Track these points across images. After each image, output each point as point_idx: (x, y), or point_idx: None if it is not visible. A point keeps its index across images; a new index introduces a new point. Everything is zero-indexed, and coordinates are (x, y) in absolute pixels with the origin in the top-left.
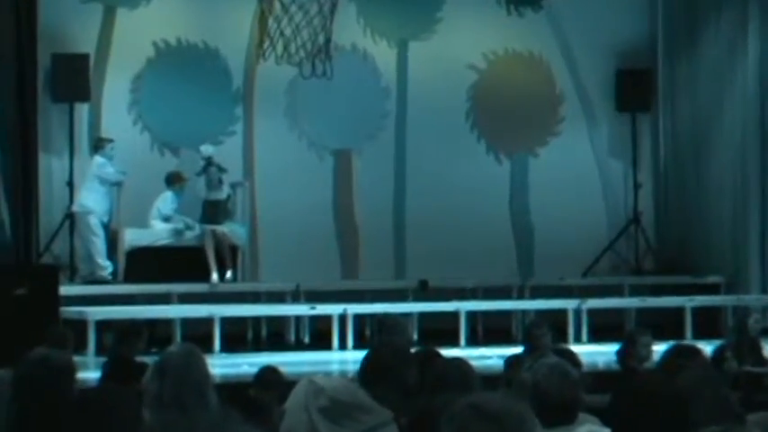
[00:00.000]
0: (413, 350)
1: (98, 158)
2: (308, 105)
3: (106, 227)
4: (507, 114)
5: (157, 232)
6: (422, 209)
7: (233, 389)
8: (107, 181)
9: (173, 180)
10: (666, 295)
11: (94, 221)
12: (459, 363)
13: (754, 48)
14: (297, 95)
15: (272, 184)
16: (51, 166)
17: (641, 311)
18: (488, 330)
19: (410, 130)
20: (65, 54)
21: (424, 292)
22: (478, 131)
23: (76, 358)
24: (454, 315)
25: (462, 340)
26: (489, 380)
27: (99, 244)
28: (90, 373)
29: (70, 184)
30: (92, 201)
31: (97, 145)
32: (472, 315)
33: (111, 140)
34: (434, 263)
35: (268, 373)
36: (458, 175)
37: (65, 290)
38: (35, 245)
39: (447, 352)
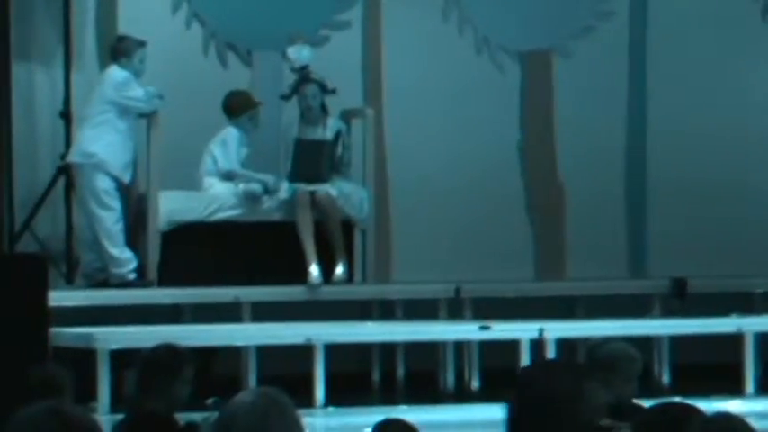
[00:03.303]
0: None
1: (117, 72)
2: None
3: (127, 190)
4: None
5: (214, 198)
6: (675, 161)
7: None
8: (131, 111)
9: (239, 107)
10: None
11: (107, 181)
12: (732, 422)
13: None
14: None
15: (414, 114)
16: (33, 85)
17: None
18: None
19: (653, 19)
20: None
21: (679, 300)
22: None
23: None
24: (733, 340)
25: (748, 384)
26: None
27: (113, 219)
28: None
29: (66, 115)
30: (103, 145)
31: (116, 49)
32: (764, 340)
33: (141, 43)
34: (695, 252)
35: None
36: (745, 98)
37: (57, 297)
38: (7, 220)
39: (721, 405)
